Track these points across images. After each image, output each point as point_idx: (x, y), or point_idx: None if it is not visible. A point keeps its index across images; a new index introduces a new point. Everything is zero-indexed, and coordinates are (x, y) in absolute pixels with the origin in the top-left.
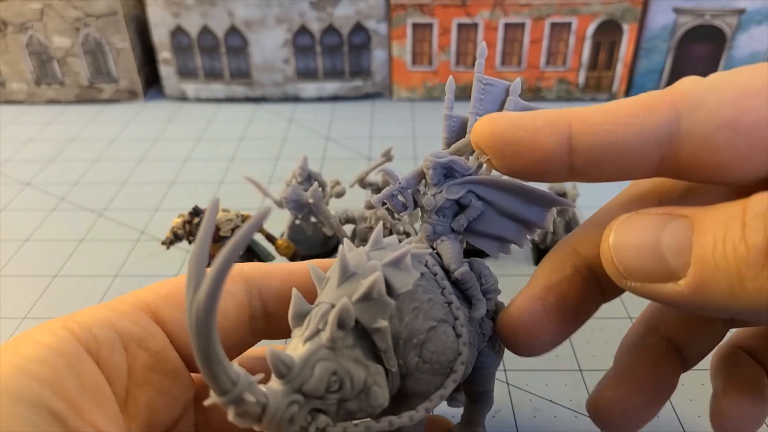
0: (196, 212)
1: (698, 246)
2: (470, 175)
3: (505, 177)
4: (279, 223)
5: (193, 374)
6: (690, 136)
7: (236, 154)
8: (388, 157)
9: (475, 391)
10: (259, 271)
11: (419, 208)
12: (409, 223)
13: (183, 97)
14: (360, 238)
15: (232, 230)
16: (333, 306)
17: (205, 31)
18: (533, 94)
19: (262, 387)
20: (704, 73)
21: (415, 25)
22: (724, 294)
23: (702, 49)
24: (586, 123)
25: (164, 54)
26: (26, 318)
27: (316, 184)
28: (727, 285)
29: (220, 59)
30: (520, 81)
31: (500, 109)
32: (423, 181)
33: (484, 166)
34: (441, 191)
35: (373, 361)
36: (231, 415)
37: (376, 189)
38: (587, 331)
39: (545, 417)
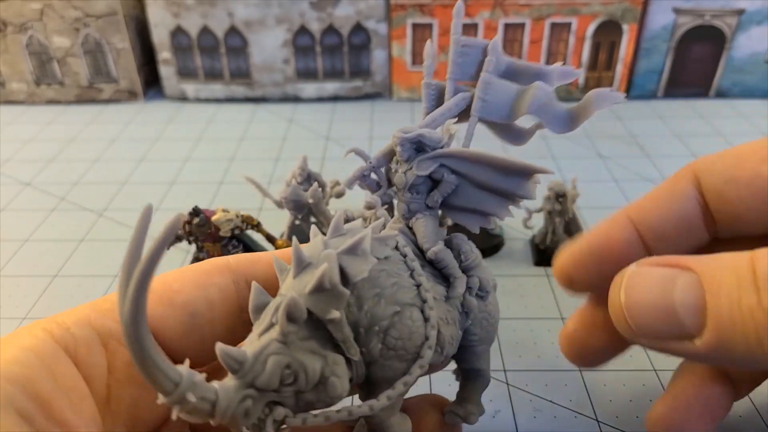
0: (196, 212)
1: (713, 307)
2: (441, 148)
3: (476, 149)
4: (279, 223)
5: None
6: (708, 194)
7: (236, 154)
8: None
9: (465, 369)
10: (245, 261)
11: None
12: None
13: (183, 97)
14: None
15: (232, 230)
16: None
17: (205, 31)
18: None
19: (214, 384)
20: (703, 73)
21: (415, 26)
22: (742, 352)
23: (702, 49)
24: (641, 210)
25: (164, 54)
26: (26, 318)
27: (315, 184)
28: (745, 346)
29: (220, 59)
30: (499, 39)
31: (479, 71)
32: (395, 158)
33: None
34: (411, 167)
35: (332, 350)
36: (175, 414)
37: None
38: None
39: (545, 417)
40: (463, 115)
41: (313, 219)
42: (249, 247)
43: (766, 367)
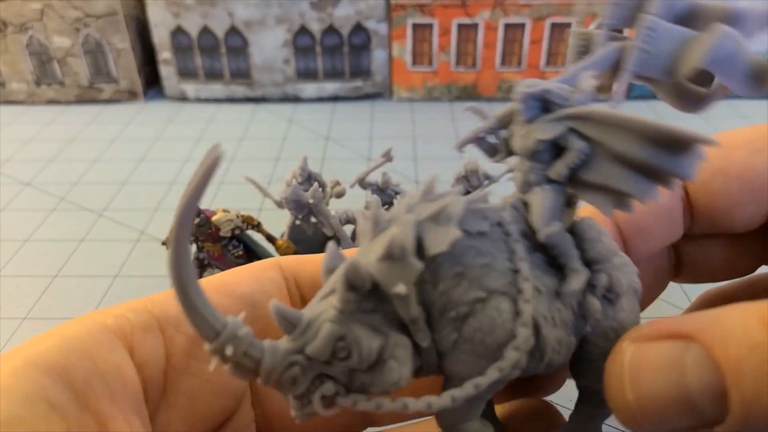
0: (197, 212)
1: (735, 392)
2: (571, 107)
3: (619, 112)
4: (279, 223)
5: None
6: (692, 186)
7: (236, 154)
8: (388, 157)
9: (580, 387)
10: (292, 261)
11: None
12: None
13: (183, 98)
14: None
15: (232, 230)
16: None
17: (205, 31)
18: None
19: (266, 342)
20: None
21: (415, 26)
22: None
23: None
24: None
25: (164, 54)
26: (26, 318)
27: (316, 184)
28: None
29: (220, 59)
30: None
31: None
32: (516, 119)
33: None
34: (533, 129)
35: (398, 331)
36: (212, 365)
37: (377, 189)
38: None
39: None
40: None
41: (313, 219)
42: (249, 247)
43: None
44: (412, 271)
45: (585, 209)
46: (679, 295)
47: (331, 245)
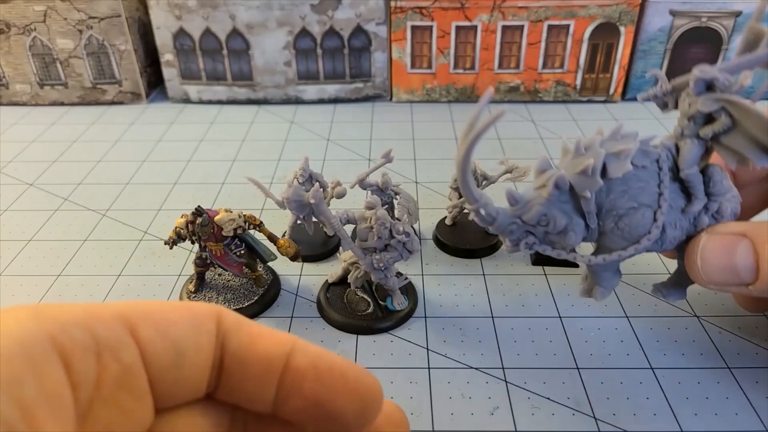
0: (199, 212)
1: (764, 270)
2: (729, 93)
3: (758, 106)
4: (281, 223)
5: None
6: None
7: (238, 155)
8: (388, 158)
9: (681, 264)
10: (233, 322)
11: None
12: (409, 223)
13: (185, 99)
14: (360, 238)
15: (235, 230)
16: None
17: (208, 33)
18: (531, 96)
19: (499, 207)
20: None
21: (414, 28)
22: None
23: (698, 51)
24: None
25: (167, 56)
26: None
27: (317, 184)
28: None
29: (222, 61)
30: None
31: None
32: (687, 89)
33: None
34: (696, 101)
35: (578, 216)
36: (474, 216)
37: (377, 190)
38: (585, 330)
39: (543, 415)
40: None
41: (314, 219)
42: (251, 246)
43: None
44: (595, 184)
45: (715, 157)
46: None
47: (542, 157)
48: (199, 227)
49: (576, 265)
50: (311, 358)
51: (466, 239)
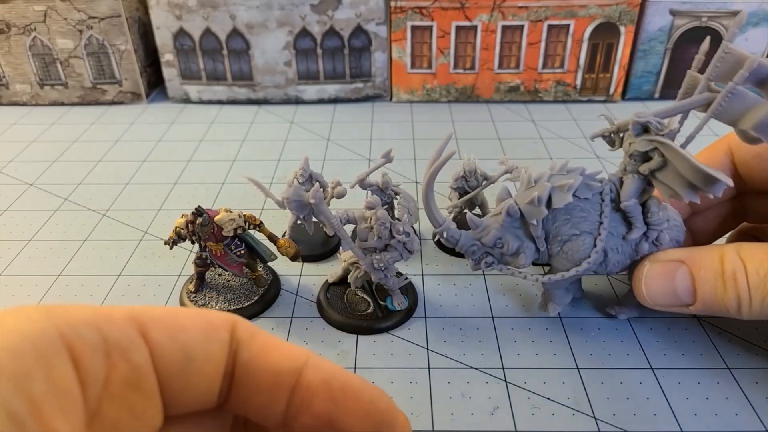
0: (200, 212)
1: (700, 293)
2: (662, 136)
3: (682, 149)
4: (281, 223)
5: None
6: (739, 164)
7: (238, 155)
8: (388, 158)
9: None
10: (247, 331)
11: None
12: (409, 223)
13: (186, 99)
14: (360, 238)
15: (235, 230)
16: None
17: (208, 33)
18: (531, 96)
19: (462, 232)
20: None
21: (414, 28)
22: (718, 312)
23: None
24: None
25: (167, 56)
26: None
27: (317, 184)
28: (719, 310)
29: (222, 61)
30: (761, 56)
31: (732, 76)
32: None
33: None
34: (635, 142)
35: (529, 240)
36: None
37: (377, 190)
38: (584, 330)
39: (543, 415)
40: (703, 108)
41: (314, 219)
42: (251, 246)
43: (734, 316)
44: (541, 213)
45: (656, 192)
46: None
47: (503, 188)
48: (199, 227)
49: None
50: (324, 375)
51: None
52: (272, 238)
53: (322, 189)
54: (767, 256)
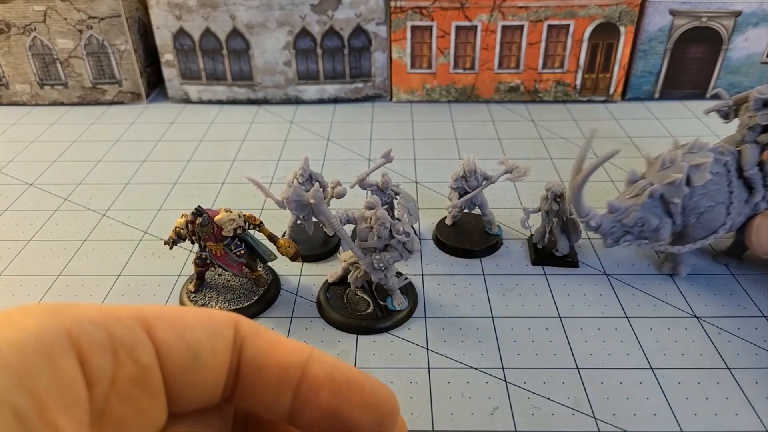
0: (199, 212)
1: None
2: None
3: None
4: (280, 223)
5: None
6: None
7: (238, 155)
8: (388, 158)
9: (739, 238)
10: (251, 328)
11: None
12: (409, 223)
13: (186, 99)
14: (360, 238)
15: (235, 230)
16: (651, 184)
17: (208, 33)
18: (531, 96)
19: (601, 215)
20: (700, 75)
21: (414, 28)
22: None
23: (698, 50)
24: None
25: (167, 56)
26: None
27: (317, 184)
28: None
29: (222, 61)
30: None
31: None
32: (746, 105)
33: None
34: (755, 116)
35: (666, 216)
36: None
37: (376, 190)
38: (584, 329)
39: (543, 415)
40: None
41: (314, 219)
42: (251, 246)
43: None
44: (683, 192)
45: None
46: None
47: (632, 171)
48: (199, 227)
49: (575, 265)
50: (328, 368)
51: (466, 239)
52: (272, 238)
53: (322, 189)
54: None
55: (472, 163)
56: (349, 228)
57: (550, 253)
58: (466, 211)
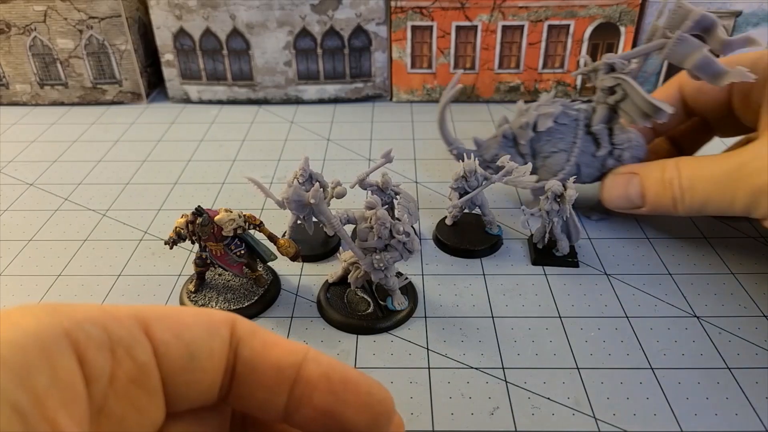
0: (199, 212)
1: (647, 196)
2: (624, 73)
3: (637, 85)
4: (281, 223)
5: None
6: (687, 96)
7: (238, 155)
8: (388, 158)
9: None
10: (247, 328)
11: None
12: (409, 223)
13: (186, 99)
14: (360, 238)
15: (235, 230)
16: (510, 127)
17: (208, 33)
18: (531, 96)
19: (468, 148)
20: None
21: (414, 28)
22: (661, 210)
23: None
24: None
25: (167, 56)
26: None
27: (317, 184)
28: (661, 210)
29: (222, 61)
30: (703, 10)
31: (679, 25)
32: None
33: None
34: (605, 79)
35: (519, 156)
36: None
37: (377, 190)
38: (585, 329)
39: (543, 414)
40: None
41: (314, 219)
42: (251, 246)
43: (671, 213)
44: (528, 135)
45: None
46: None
47: (502, 117)
48: (199, 227)
49: (576, 265)
50: (324, 368)
51: (466, 239)
52: (272, 238)
53: (322, 189)
54: (697, 165)
55: (473, 163)
56: (349, 228)
57: (551, 252)
58: (466, 211)
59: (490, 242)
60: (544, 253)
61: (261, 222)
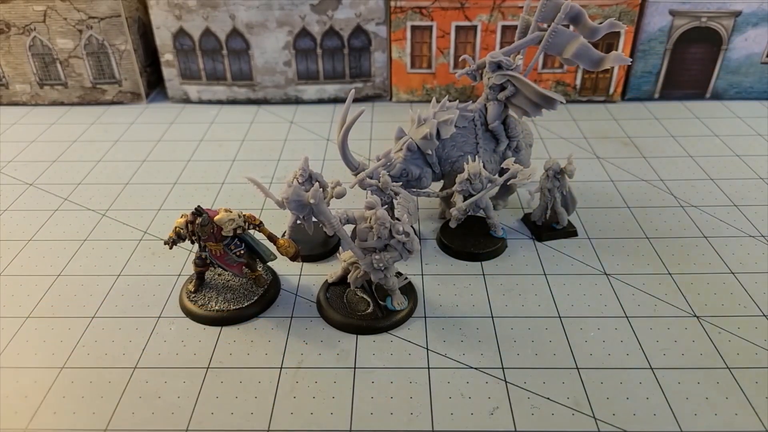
0: (199, 212)
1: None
2: (511, 70)
3: (527, 79)
4: (280, 223)
5: None
6: None
7: (238, 155)
8: (388, 158)
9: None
10: None
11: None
12: (409, 223)
13: (185, 99)
14: (360, 238)
15: (234, 230)
16: (411, 139)
17: (208, 33)
18: None
19: (372, 170)
20: (700, 75)
21: (414, 28)
22: None
23: (698, 50)
24: None
25: (167, 56)
26: (29, 317)
27: (317, 184)
28: None
29: (222, 61)
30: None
31: (553, 18)
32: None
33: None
34: (492, 76)
35: (427, 166)
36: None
37: (376, 190)
38: (584, 329)
39: (543, 415)
40: (536, 46)
41: (314, 219)
42: (251, 246)
43: None
44: (434, 145)
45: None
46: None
47: (399, 128)
48: (199, 227)
49: (575, 234)
50: None
51: (469, 242)
52: (272, 238)
53: (321, 189)
54: None
55: (477, 166)
56: (349, 228)
57: (550, 227)
58: (470, 213)
59: (495, 245)
60: (544, 229)
61: (261, 222)
